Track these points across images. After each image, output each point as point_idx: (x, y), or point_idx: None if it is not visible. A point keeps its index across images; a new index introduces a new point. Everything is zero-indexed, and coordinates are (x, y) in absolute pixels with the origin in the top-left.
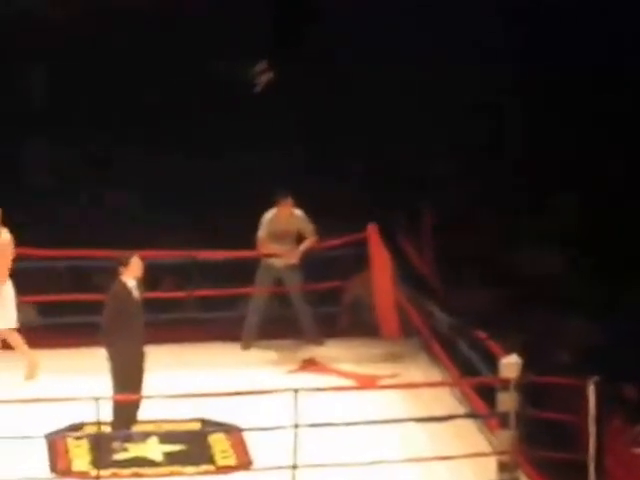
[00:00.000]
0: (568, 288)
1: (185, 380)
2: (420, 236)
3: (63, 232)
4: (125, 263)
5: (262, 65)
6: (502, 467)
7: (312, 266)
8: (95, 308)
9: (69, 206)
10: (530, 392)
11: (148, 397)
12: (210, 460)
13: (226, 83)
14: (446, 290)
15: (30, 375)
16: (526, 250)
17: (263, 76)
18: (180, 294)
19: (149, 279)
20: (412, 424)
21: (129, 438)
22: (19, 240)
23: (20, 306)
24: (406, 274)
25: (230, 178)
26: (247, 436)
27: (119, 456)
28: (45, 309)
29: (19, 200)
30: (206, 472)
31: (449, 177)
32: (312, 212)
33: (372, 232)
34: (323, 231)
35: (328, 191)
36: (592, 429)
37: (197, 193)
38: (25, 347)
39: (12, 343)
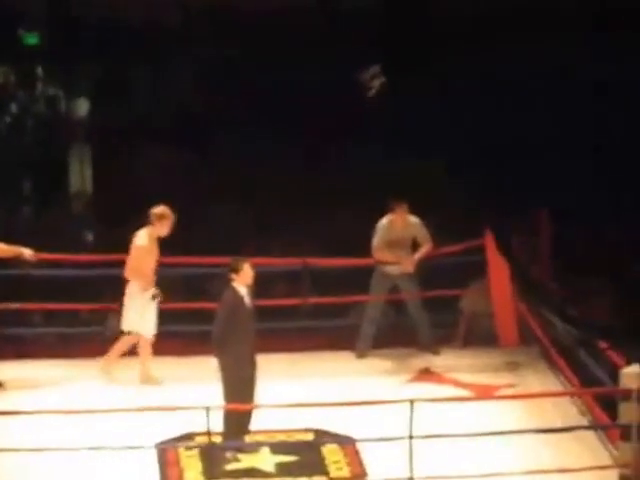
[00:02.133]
0: None
1: (298, 390)
2: (538, 242)
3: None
4: (237, 270)
5: (375, 69)
6: None
7: (428, 273)
8: (207, 316)
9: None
10: None
11: (260, 406)
12: (323, 471)
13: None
14: (566, 298)
15: (145, 382)
16: None
17: (375, 80)
18: (293, 302)
19: (261, 286)
20: (531, 435)
21: (241, 448)
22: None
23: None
24: (524, 281)
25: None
26: (361, 447)
27: (231, 466)
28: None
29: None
30: None
31: (570, 179)
32: (426, 219)
33: (488, 239)
34: (437, 238)
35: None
36: None
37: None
38: (149, 357)
39: (140, 349)
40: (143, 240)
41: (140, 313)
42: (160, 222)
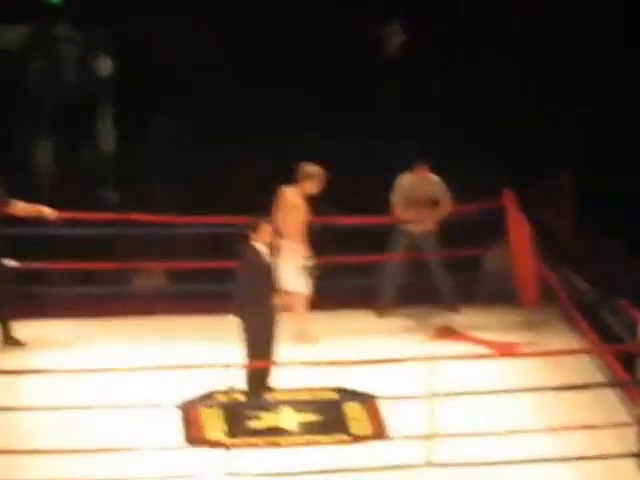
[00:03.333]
0: None
1: (319, 348)
2: (560, 203)
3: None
4: (255, 229)
5: (394, 27)
6: None
7: (449, 232)
8: (227, 275)
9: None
10: None
11: (281, 365)
12: (345, 429)
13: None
14: (586, 257)
15: (301, 339)
16: None
17: (396, 38)
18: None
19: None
20: (551, 392)
21: (263, 407)
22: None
23: (150, 273)
24: (545, 241)
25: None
26: (382, 405)
27: (253, 425)
28: (176, 276)
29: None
30: (341, 441)
31: (591, 143)
32: (447, 178)
33: (509, 198)
34: (459, 198)
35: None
36: None
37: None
38: (304, 314)
39: (295, 307)
40: (294, 199)
41: (294, 271)
42: (310, 180)
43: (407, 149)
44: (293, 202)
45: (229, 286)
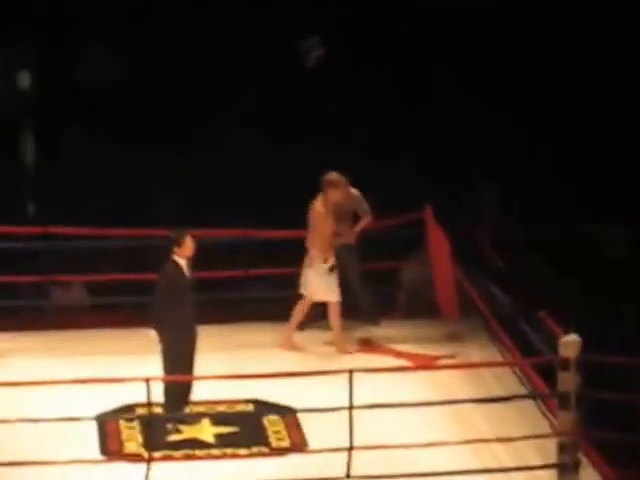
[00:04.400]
0: (630, 269)
1: (238, 361)
2: (481, 216)
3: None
4: (178, 242)
5: (314, 41)
6: (562, 448)
7: (369, 246)
8: (147, 288)
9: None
10: (591, 372)
11: (200, 378)
12: (264, 442)
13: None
14: (506, 270)
15: (341, 350)
16: (590, 230)
17: (315, 52)
18: (233, 273)
19: (201, 258)
20: (472, 405)
21: (181, 419)
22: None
23: (70, 286)
24: (465, 254)
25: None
26: (302, 418)
27: (171, 438)
28: (96, 289)
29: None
30: (260, 454)
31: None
32: (368, 191)
33: (428, 212)
34: (380, 211)
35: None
36: None
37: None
38: (338, 322)
39: (330, 315)
40: (319, 208)
41: (323, 281)
42: (331, 189)
43: (328, 163)
44: (318, 212)
45: (149, 299)
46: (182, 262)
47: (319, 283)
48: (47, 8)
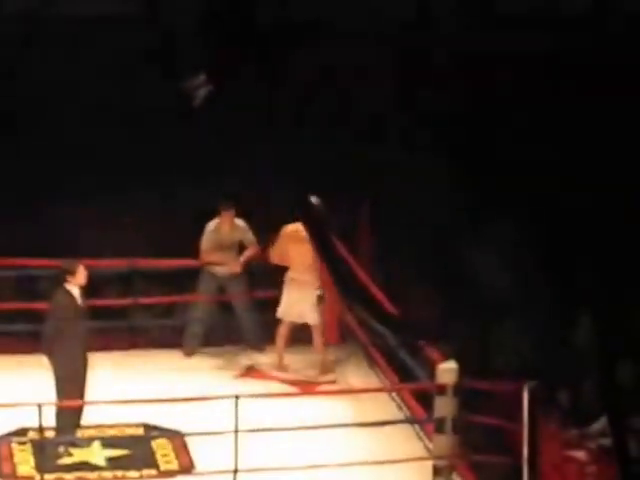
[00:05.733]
0: (503, 293)
1: (128, 386)
2: (357, 238)
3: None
4: (71, 272)
5: (200, 79)
6: (437, 471)
7: (254, 275)
8: (39, 316)
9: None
10: (467, 397)
11: (91, 403)
12: (153, 464)
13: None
14: (385, 297)
15: (324, 371)
16: (464, 253)
17: (201, 90)
18: (123, 302)
19: (92, 287)
20: (351, 429)
21: (73, 443)
22: None
23: None
24: (343, 280)
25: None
26: (189, 441)
27: (63, 461)
28: None
29: None
30: (149, 476)
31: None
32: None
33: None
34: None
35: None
36: (526, 433)
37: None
38: (321, 345)
39: (315, 338)
40: (304, 233)
41: (310, 304)
42: None
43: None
44: (304, 236)
45: (41, 327)
46: (74, 290)
47: (309, 306)
48: None
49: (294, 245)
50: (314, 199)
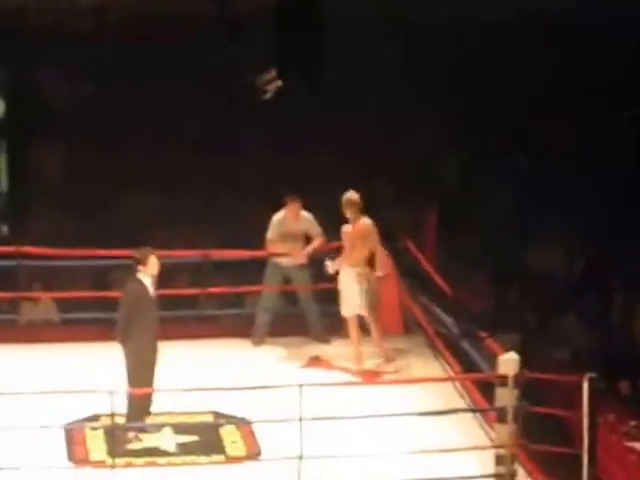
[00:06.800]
0: (565, 287)
1: (198, 374)
2: (424, 235)
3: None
4: (142, 261)
5: (271, 73)
6: (500, 460)
7: (319, 266)
8: (112, 305)
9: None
10: (529, 388)
11: (162, 390)
12: (221, 450)
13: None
14: (449, 288)
15: (388, 360)
16: (530, 248)
17: (272, 84)
18: (193, 291)
19: (164, 277)
20: (414, 417)
21: (143, 429)
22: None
23: (42, 303)
24: (410, 273)
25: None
26: (256, 428)
27: (133, 446)
28: (65, 305)
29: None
30: (217, 462)
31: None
32: (319, 213)
33: None
34: (329, 231)
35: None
36: (586, 424)
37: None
38: (354, 336)
39: (349, 329)
40: (347, 227)
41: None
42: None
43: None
44: (366, 230)
45: (114, 315)
46: (146, 280)
47: (357, 296)
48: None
49: (358, 239)
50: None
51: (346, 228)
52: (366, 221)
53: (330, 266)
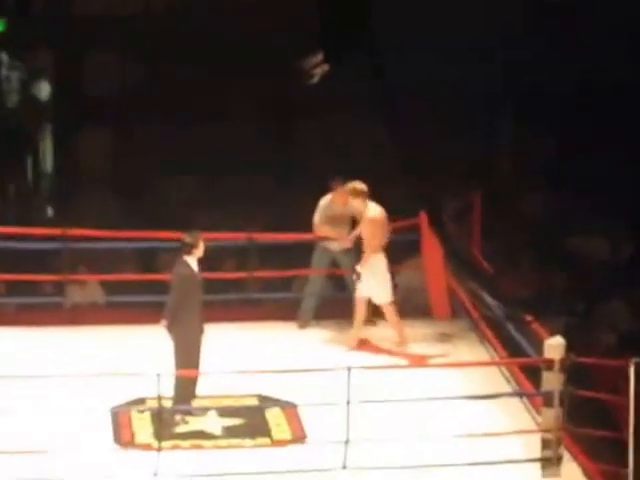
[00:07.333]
0: (612, 272)
1: (244, 358)
2: (470, 222)
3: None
4: (191, 244)
5: (317, 57)
6: (546, 444)
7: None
8: (160, 287)
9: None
10: (575, 373)
11: (208, 373)
12: (266, 434)
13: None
14: (495, 273)
15: (400, 344)
16: (574, 235)
17: (318, 68)
18: (240, 275)
19: (211, 260)
20: (460, 401)
21: (189, 412)
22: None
23: (88, 285)
24: (457, 258)
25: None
26: (302, 411)
27: (179, 429)
28: (112, 288)
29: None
30: (262, 445)
31: (499, 163)
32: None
33: (422, 218)
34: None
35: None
36: (632, 408)
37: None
38: (397, 320)
39: (387, 316)
40: (371, 213)
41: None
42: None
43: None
44: (369, 217)
45: (161, 298)
46: (193, 263)
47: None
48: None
49: (378, 227)
50: None
51: (370, 215)
52: (379, 208)
53: (360, 272)
